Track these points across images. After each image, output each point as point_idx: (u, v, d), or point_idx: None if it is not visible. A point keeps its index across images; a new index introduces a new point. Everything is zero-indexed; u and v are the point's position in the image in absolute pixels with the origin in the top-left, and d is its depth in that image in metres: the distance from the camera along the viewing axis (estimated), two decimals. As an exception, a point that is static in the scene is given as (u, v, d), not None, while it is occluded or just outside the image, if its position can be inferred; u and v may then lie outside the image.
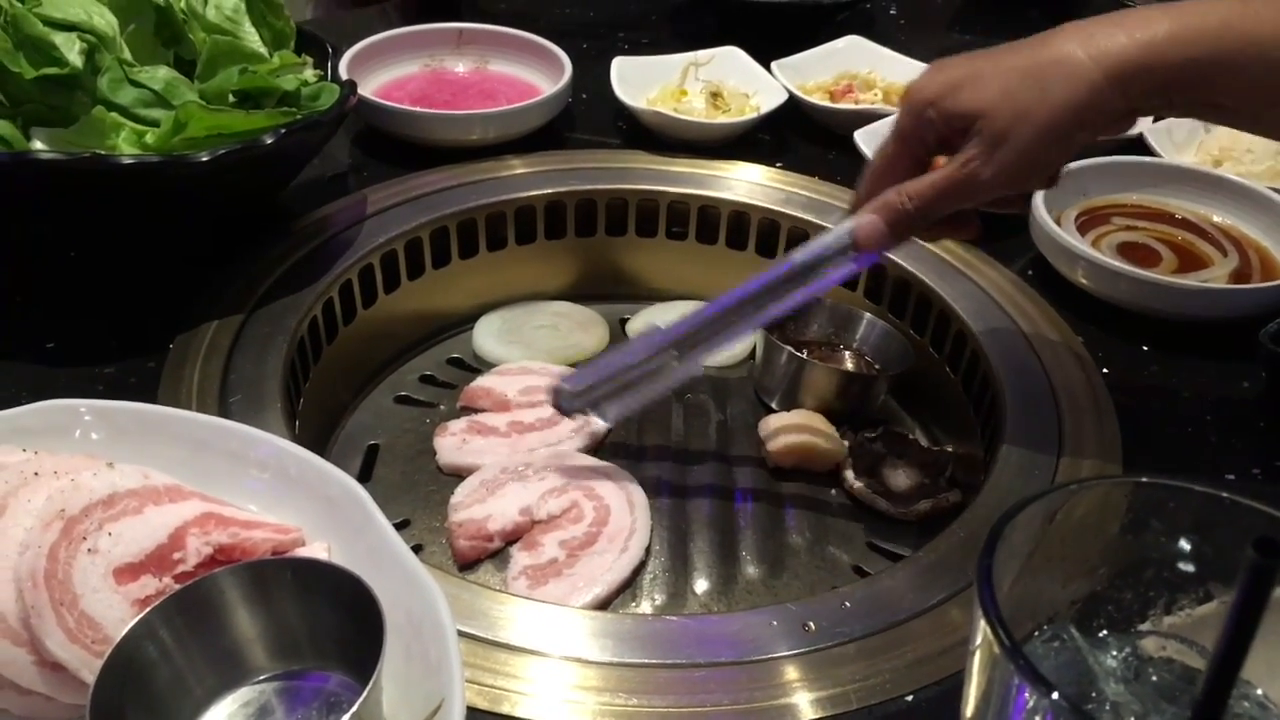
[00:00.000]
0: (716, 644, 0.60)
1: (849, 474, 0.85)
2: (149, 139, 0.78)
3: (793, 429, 0.87)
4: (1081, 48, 0.62)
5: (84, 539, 0.53)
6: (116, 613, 0.51)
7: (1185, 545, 0.42)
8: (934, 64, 0.69)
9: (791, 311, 0.75)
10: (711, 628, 0.62)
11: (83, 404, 0.62)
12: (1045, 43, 0.64)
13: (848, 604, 0.63)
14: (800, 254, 0.73)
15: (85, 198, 0.76)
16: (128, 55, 0.82)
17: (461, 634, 0.57)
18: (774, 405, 0.93)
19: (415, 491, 0.85)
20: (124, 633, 0.49)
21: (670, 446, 0.90)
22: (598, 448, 0.89)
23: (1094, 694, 0.40)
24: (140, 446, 0.61)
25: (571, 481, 0.82)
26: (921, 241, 0.83)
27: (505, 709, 0.56)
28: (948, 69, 0.68)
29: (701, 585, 0.78)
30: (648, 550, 0.78)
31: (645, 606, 0.76)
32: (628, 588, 0.76)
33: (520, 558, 0.76)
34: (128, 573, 0.53)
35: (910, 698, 0.58)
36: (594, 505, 0.79)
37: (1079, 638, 0.41)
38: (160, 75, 0.81)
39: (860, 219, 0.70)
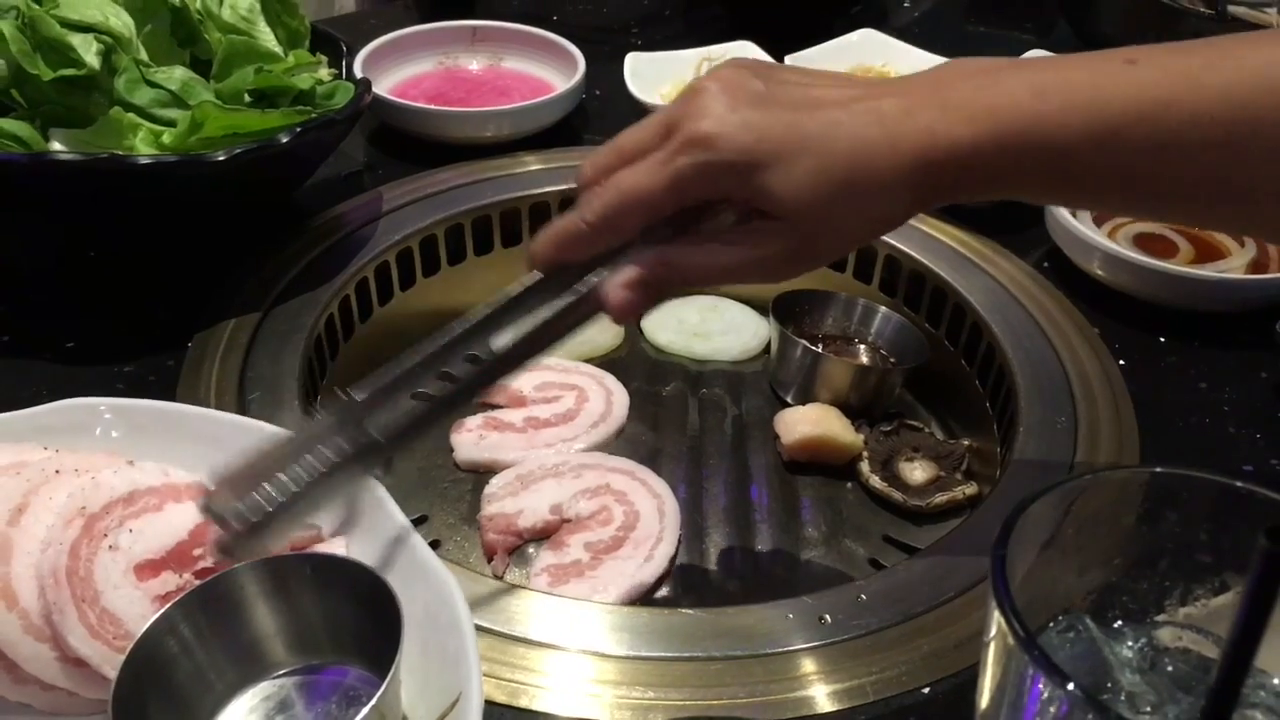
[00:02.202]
0: (733, 637, 0.61)
1: (864, 467, 0.85)
2: (166, 139, 0.79)
3: (808, 423, 0.87)
4: (891, 148, 0.53)
5: (105, 536, 0.53)
6: (137, 609, 0.52)
7: (1201, 535, 0.42)
8: (717, 88, 0.55)
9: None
10: (728, 620, 0.62)
11: (103, 402, 0.63)
12: (858, 125, 0.54)
13: (864, 597, 0.63)
14: (539, 321, 0.61)
15: (103, 198, 0.77)
16: (144, 56, 0.83)
17: (479, 628, 0.57)
18: (789, 399, 0.93)
19: (433, 487, 0.85)
20: (145, 628, 0.49)
21: (686, 440, 0.90)
22: (613, 441, 0.89)
23: (1109, 684, 0.40)
24: (160, 444, 0.62)
25: (606, 484, 0.82)
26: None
27: (523, 702, 0.57)
28: (751, 125, 0.54)
29: (718, 578, 0.78)
30: (672, 559, 0.78)
31: (661, 600, 0.76)
32: (650, 594, 0.76)
33: (544, 556, 0.77)
34: (148, 569, 0.54)
35: (927, 690, 0.58)
36: (624, 510, 0.80)
37: (1094, 628, 0.41)
38: (176, 75, 0.82)
39: (616, 293, 0.57)
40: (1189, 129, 0.51)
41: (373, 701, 0.46)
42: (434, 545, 0.74)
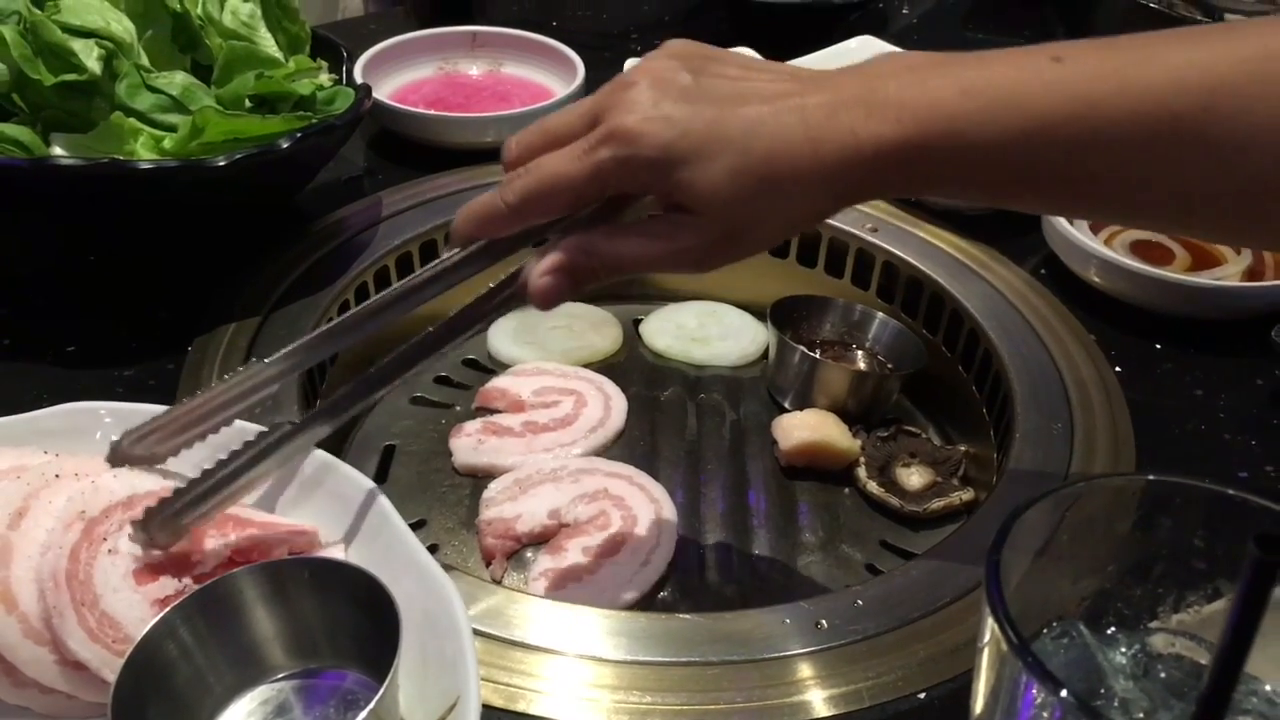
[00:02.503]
0: (730, 642, 0.61)
1: (862, 473, 0.86)
2: (167, 144, 0.79)
3: (806, 428, 0.87)
4: (812, 150, 0.53)
5: (104, 540, 0.54)
6: (137, 612, 0.52)
7: (1195, 542, 0.42)
8: (654, 97, 0.55)
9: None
10: (725, 625, 0.63)
11: (103, 406, 0.63)
12: (778, 124, 0.54)
13: (860, 602, 0.64)
14: (459, 315, 0.63)
15: (104, 202, 0.77)
16: (145, 61, 0.83)
17: (477, 633, 0.58)
18: (787, 405, 0.93)
19: (431, 492, 0.85)
20: (144, 632, 0.50)
21: (684, 445, 0.90)
22: (611, 446, 0.89)
23: (1103, 690, 0.41)
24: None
25: (604, 489, 0.82)
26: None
27: (520, 707, 0.57)
28: (673, 121, 0.54)
29: (715, 583, 0.78)
30: (671, 564, 0.78)
31: (659, 605, 0.76)
32: (648, 599, 0.76)
33: (542, 560, 0.77)
34: (147, 573, 0.54)
35: (923, 695, 0.58)
36: (622, 515, 0.80)
37: (1088, 634, 0.42)
38: (177, 81, 0.82)
39: (538, 280, 0.57)
40: (1114, 129, 0.51)
41: (370, 705, 0.47)
42: (432, 549, 0.74)
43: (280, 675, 0.54)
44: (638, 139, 0.54)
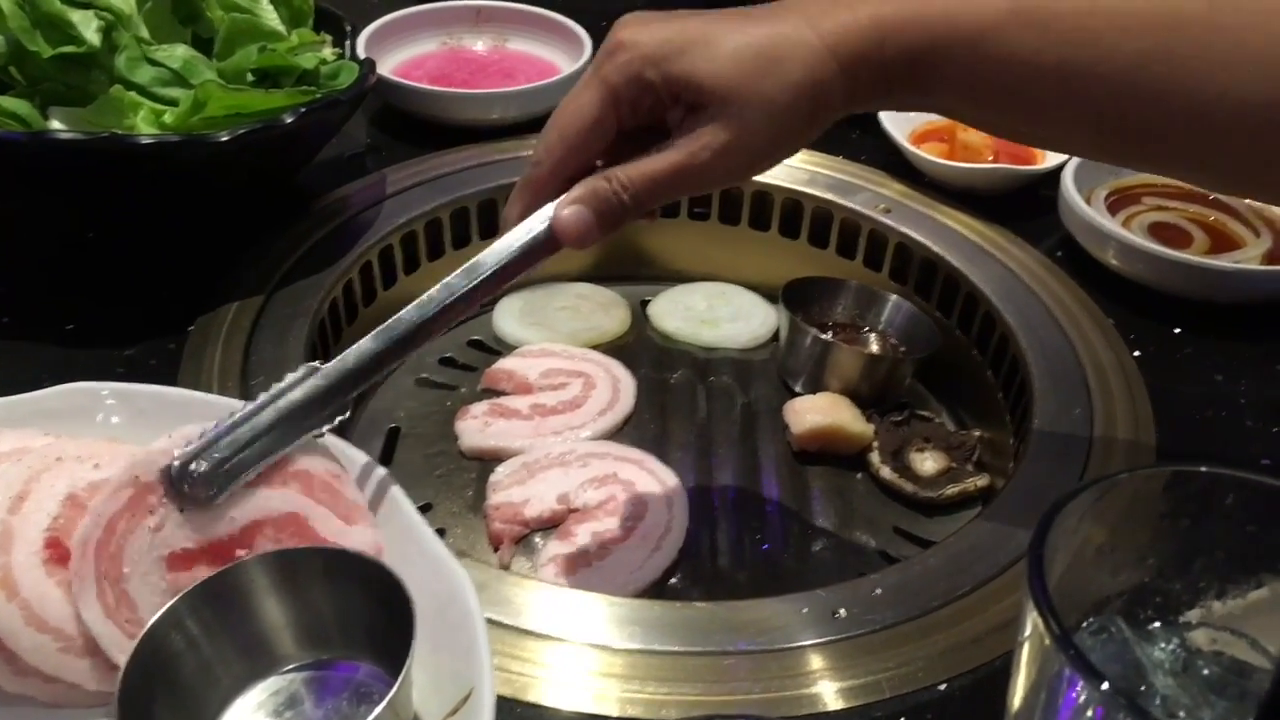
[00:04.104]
0: (744, 631, 0.60)
1: (875, 458, 0.84)
2: (167, 118, 0.77)
3: (818, 412, 0.86)
4: (809, 27, 0.55)
5: (151, 513, 0.52)
6: (158, 599, 0.51)
7: (1236, 535, 0.41)
8: (632, 16, 0.58)
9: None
10: (739, 614, 0.61)
11: (105, 387, 0.61)
12: (770, 17, 0.56)
13: (879, 591, 0.62)
14: (489, 257, 0.60)
15: (104, 178, 0.75)
16: (145, 33, 0.81)
17: (487, 621, 0.56)
18: (798, 388, 0.92)
19: (437, 474, 0.84)
20: (154, 620, 0.48)
21: (694, 429, 0.89)
22: (620, 429, 0.88)
23: (1142, 687, 0.39)
24: (162, 429, 0.61)
25: (613, 473, 0.81)
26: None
27: (530, 696, 0.56)
28: (659, 25, 0.57)
29: (726, 569, 0.77)
30: (681, 550, 0.77)
31: (671, 592, 0.75)
32: (658, 586, 0.75)
33: (551, 545, 0.76)
34: (183, 560, 0.52)
35: (944, 686, 0.57)
36: (632, 499, 0.78)
37: (1127, 629, 0.40)
38: (178, 54, 0.80)
39: (563, 211, 0.58)
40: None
41: (385, 700, 0.45)
42: (439, 534, 0.72)
43: (291, 666, 0.53)
44: (634, 42, 0.56)
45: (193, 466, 0.53)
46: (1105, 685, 0.33)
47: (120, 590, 0.50)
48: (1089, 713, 0.35)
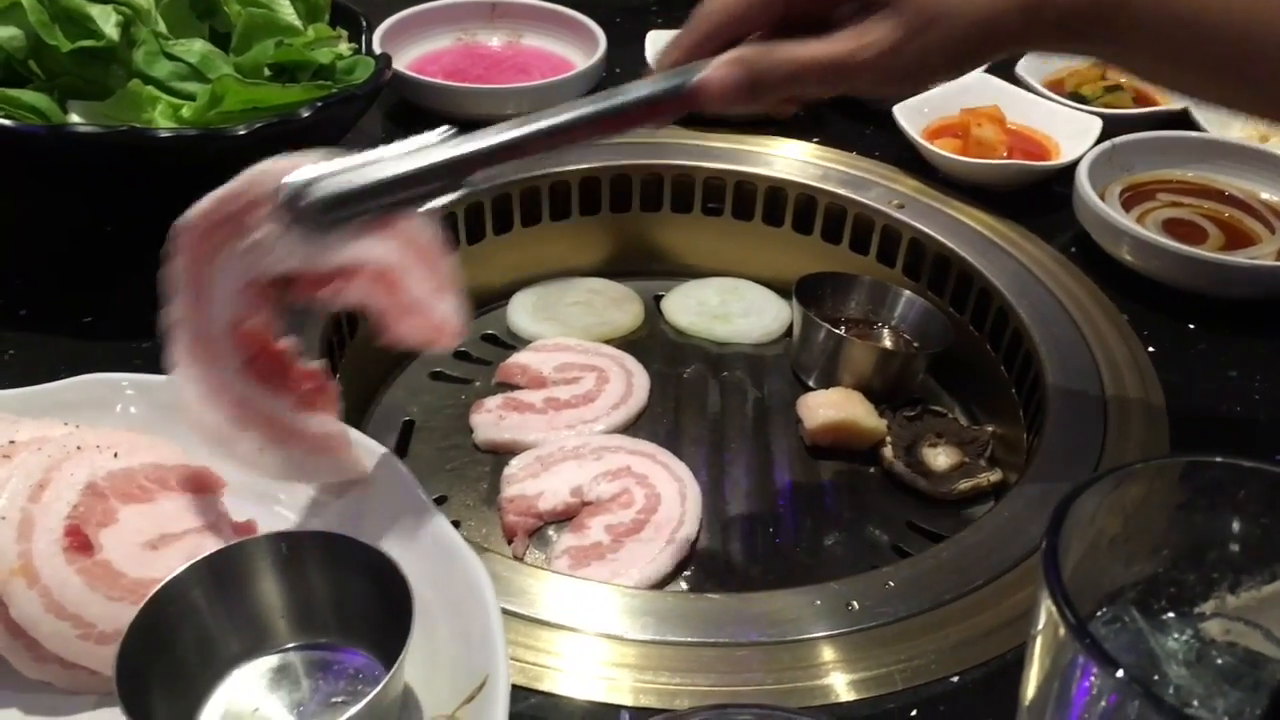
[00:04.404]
0: (757, 622, 0.60)
1: (888, 453, 0.84)
2: (185, 112, 0.78)
3: (831, 407, 0.86)
4: None
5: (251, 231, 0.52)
6: (228, 317, 0.53)
7: (1251, 526, 0.41)
8: None
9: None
10: (753, 606, 0.62)
11: (124, 378, 0.62)
12: None
13: (891, 584, 0.62)
14: (630, 94, 0.58)
15: (121, 171, 0.76)
16: (163, 28, 0.82)
17: (502, 611, 0.57)
18: (811, 383, 0.92)
19: (451, 468, 0.84)
20: (152, 594, 0.49)
21: (707, 424, 0.89)
22: (633, 424, 0.88)
23: (1156, 677, 0.39)
24: (180, 421, 0.61)
25: (627, 466, 0.81)
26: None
27: (545, 686, 0.56)
28: None
29: (740, 563, 0.78)
30: (693, 543, 0.77)
31: (685, 584, 0.75)
32: (672, 578, 0.75)
33: (565, 538, 0.76)
34: (270, 286, 0.54)
35: (956, 679, 0.57)
36: (645, 493, 0.79)
37: (1140, 620, 0.40)
38: (196, 48, 0.81)
39: (714, 72, 0.56)
40: None
41: (378, 688, 0.46)
42: (454, 525, 0.73)
43: (288, 647, 0.53)
44: None
45: (309, 190, 0.52)
46: (1120, 673, 0.33)
47: (203, 296, 0.49)
48: (1103, 702, 0.35)
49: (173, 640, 0.50)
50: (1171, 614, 0.41)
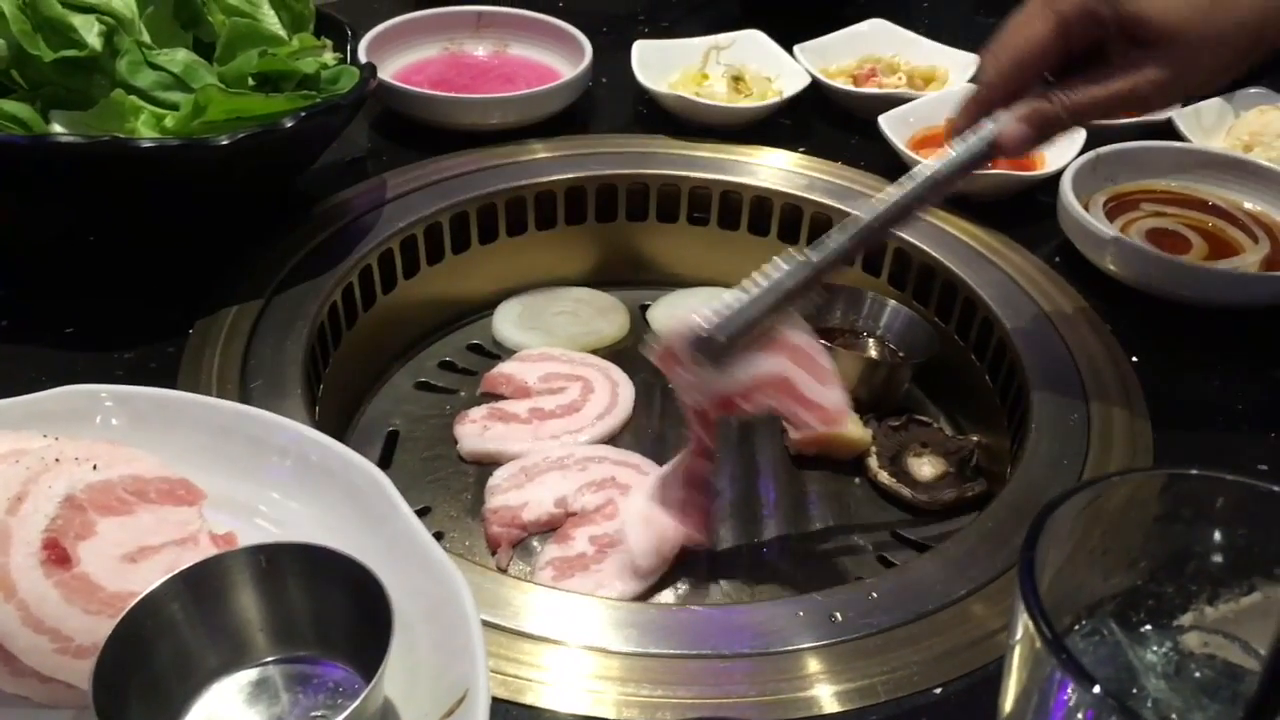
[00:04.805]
0: (741, 634, 0.60)
1: (873, 462, 0.85)
2: (168, 122, 0.78)
3: (816, 417, 0.86)
4: None
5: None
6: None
7: (1229, 538, 0.41)
8: None
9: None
10: (736, 618, 0.62)
11: (104, 389, 0.62)
12: None
13: (874, 595, 0.62)
14: (936, 167, 0.68)
15: (104, 181, 0.75)
16: (146, 38, 0.81)
17: (484, 623, 0.57)
18: (797, 393, 0.92)
19: (435, 478, 0.84)
20: (130, 607, 0.49)
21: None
22: (618, 434, 0.88)
23: (1134, 690, 0.39)
24: (161, 432, 0.61)
25: (611, 477, 0.81)
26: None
27: (528, 699, 0.56)
28: None
29: (724, 573, 0.77)
30: (679, 554, 0.76)
31: (668, 596, 0.75)
32: (656, 591, 0.75)
33: (549, 549, 0.76)
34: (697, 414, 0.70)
35: (939, 690, 0.57)
36: (629, 503, 0.78)
37: (1119, 632, 0.41)
38: (179, 58, 0.80)
39: (1009, 128, 0.66)
40: None
41: (356, 702, 0.46)
42: (437, 538, 0.73)
43: (267, 660, 0.53)
44: None
45: (713, 338, 0.67)
46: (1096, 689, 0.33)
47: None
48: (1080, 716, 0.35)
49: (151, 654, 0.50)
50: (1150, 626, 0.41)
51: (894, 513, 0.83)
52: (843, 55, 1.17)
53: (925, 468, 0.84)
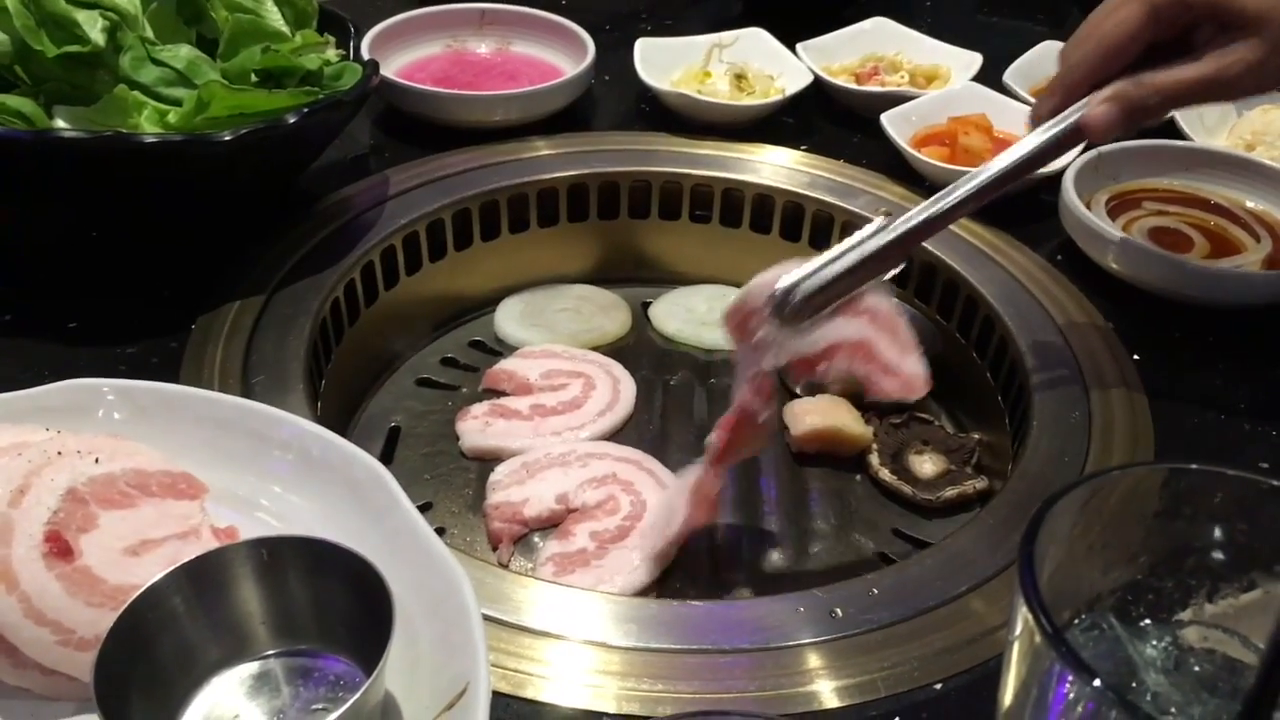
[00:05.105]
0: (742, 630, 0.60)
1: (874, 460, 0.85)
2: (171, 118, 0.78)
3: (817, 414, 0.86)
4: None
5: (754, 331, 0.65)
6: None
7: (1229, 533, 0.41)
8: None
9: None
10: (737, 613, 0.62)
11: (106, 383, 0.62)
12: None
13: (875, 591, 0.62)
14: (1024, 149, 0.68)
15: (107, 177, 0.76)
16: (150, 33, 0.81)
17: (485, 618, 0.57)
18: (798, 390, 0.92)
19: (437, 474, 0.84)
20: (131, 600, 0.49)
21: (694, 430, 0.89)
22: (619, 431, 0.88)
23: (1134, 684, 0.39)
24: (163, 427, 0.61)
25: (612, 473, 0.81)
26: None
27: (528, 693, 0.56)
28: None
29: (725, 570, 0.77)
30: (680, 550, 0.76)
31: (669, 592, 0.75)
32: (656, 585, 0.75)
33: (550, 545, 0.76)
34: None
35: (939, 686, 0.57)
36: (631, 499, 0.79)
37: (1119, 626, 0.41)
38: (182, 54, 0.81)
39: (1094, 111, 0.66)
40: None
41: (357, 695, 0.46)
42: (438, 533, 0.73)
43: (268, 653, 0.53)
44: None
45: (791, 295, 0.67)
46: (1097, 682, 0.34)
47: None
48: (1079, 709, 0.35)
49: (152, 647, 0.50)
50: (1149, 621, 0.41)
51: (895, 510, 0.83)
52: (845, 53, 1.17)
53: (926, 465, 0.84)
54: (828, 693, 0.57)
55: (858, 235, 0.68)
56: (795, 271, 0.67)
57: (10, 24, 0.75)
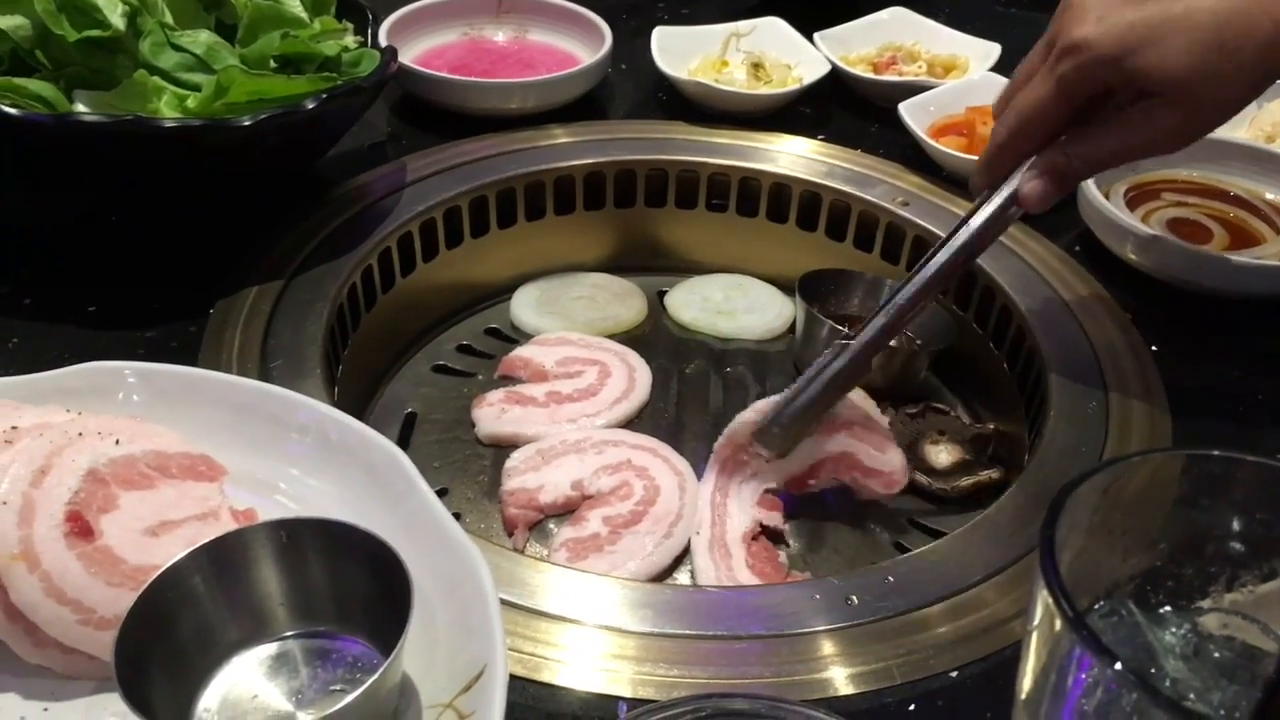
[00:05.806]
0: (757, 616, 0.60)
1: (890, 449, 0.84)
2: (190, 103, 0.78)
3: (833, 403, 0.86)
4: (1260, 8, 0.59)
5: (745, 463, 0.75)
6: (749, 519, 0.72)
7: (1249, 521, 0.41)
8: (1083, 5, 0.63)
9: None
10: (751, 600, 0.62)
11: (127, 366, 0.62)
12: (1221, 7, 0.60)
13: (891, 579, 0.62)
14: (965, 235, 0.70)
15: (127, 161, 0.76)
16: (169, 19, 0.82)
17: (501, 602, 0.57)
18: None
19: (453, 460, 0.84)
20: (152, 580, 0.49)
21: (709, 418, 0.89)
22: (635, 419, 0.88)
23: (1153, 670, 0.39)
24: (182, 409, 0.62)
25: (627, 460, 0.81)
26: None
27: (544, 677, 0.56)
28: (1113, 15, 0.62)
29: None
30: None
31: (685, 577, 0.75)
32: (671, 572, 0.75)
33: (564, 530, 0.76)
34: (766, 497, 0.78)
35: (955, 674, 0.57)
36: (644, 485, 0.79)
37: (1138, 613, 0.40)
38: (202, 39, 0.81)
39: (1026, 185, 0.68)
40: None
41: (374, 677, 0.46)
42: (455, 518, 0.73)
43: (287, 634, 0.53)
44: (1091, 43, 0.62)
45: (771, 429, 0.75)
46: (1118, 665, 0.33)
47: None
48: (1099, 693, 0.35)
49: (172, 627, 0.50)
50: (1169, 608, 0.41)
51: (911, 500, 0.83)
52: (863, 43, 1.17)
53: (942, 455, 0.84)
54: (842, 679, 0.57)
55: (818, 363, 0.74)
56: (774, 408, 0.75)
57: (32, 9, 0.75)
